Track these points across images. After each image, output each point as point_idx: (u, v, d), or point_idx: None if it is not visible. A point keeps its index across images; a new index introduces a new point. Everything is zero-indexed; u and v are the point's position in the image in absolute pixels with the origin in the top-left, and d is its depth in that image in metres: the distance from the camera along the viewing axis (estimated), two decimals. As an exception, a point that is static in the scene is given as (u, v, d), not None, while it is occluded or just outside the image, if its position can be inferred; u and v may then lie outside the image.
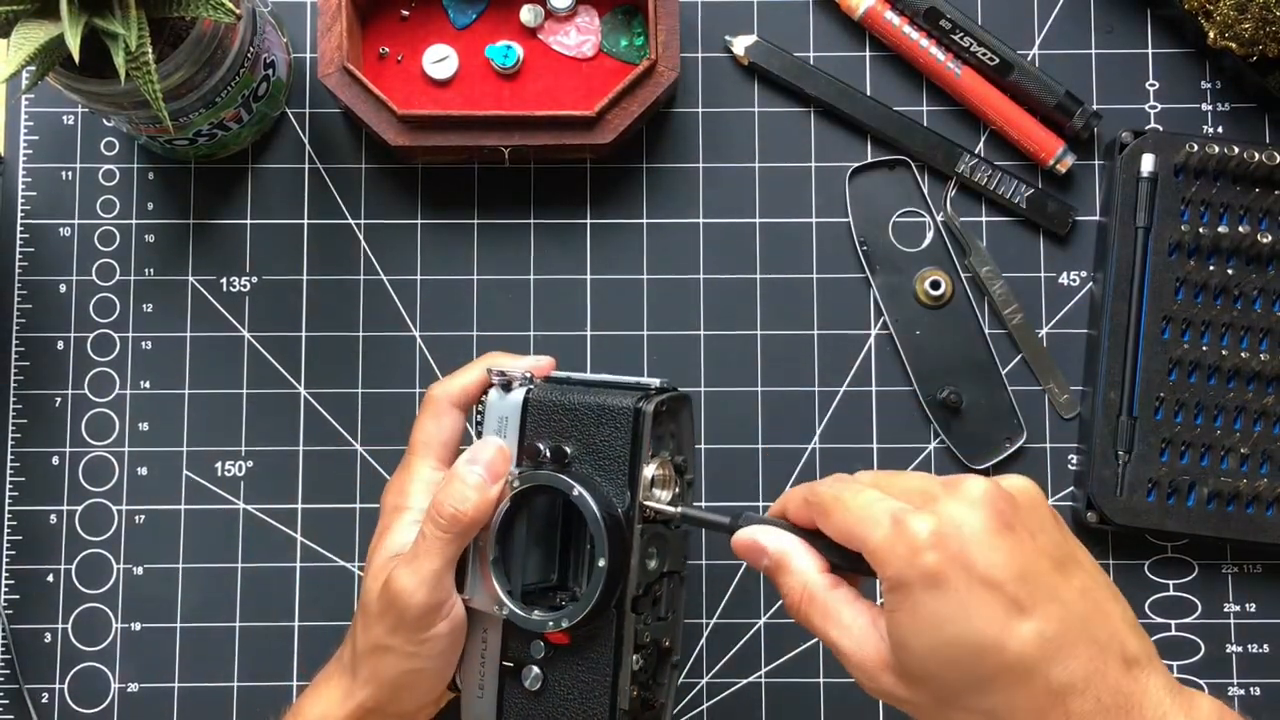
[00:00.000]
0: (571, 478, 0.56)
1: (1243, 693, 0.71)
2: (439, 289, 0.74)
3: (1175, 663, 0.71)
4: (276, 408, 0.73)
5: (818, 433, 0.73)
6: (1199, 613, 0.72)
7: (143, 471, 0.73)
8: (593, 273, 0.74)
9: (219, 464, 0.73)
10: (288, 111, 0.75)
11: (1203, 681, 0.71)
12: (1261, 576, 0.72)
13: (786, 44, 0.74)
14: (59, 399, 0.73)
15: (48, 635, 0.72)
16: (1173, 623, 0.71)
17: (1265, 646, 0.71)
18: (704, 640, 0.72)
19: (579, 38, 0.74)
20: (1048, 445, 0.73)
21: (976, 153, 0.74)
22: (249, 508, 0.72)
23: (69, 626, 0.72)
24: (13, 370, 0.73)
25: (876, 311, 0.73)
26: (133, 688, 0.71)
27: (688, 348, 0.73)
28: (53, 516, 0.72)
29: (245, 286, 0.74)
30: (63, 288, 0.74)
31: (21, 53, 0.57)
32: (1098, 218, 0.74)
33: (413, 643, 0.56)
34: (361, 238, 0.74)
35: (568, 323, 0.73)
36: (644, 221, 0.74)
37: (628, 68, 0.73)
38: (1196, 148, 0.70)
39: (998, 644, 0.47)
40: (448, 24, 0.74)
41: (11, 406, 0.73)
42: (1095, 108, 0.74)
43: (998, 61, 0.73)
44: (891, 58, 0.75)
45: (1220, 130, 0.74)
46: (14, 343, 0.73)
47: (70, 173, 0.75)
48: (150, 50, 0.59)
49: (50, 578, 0.72)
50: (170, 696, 0.71)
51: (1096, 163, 0.74)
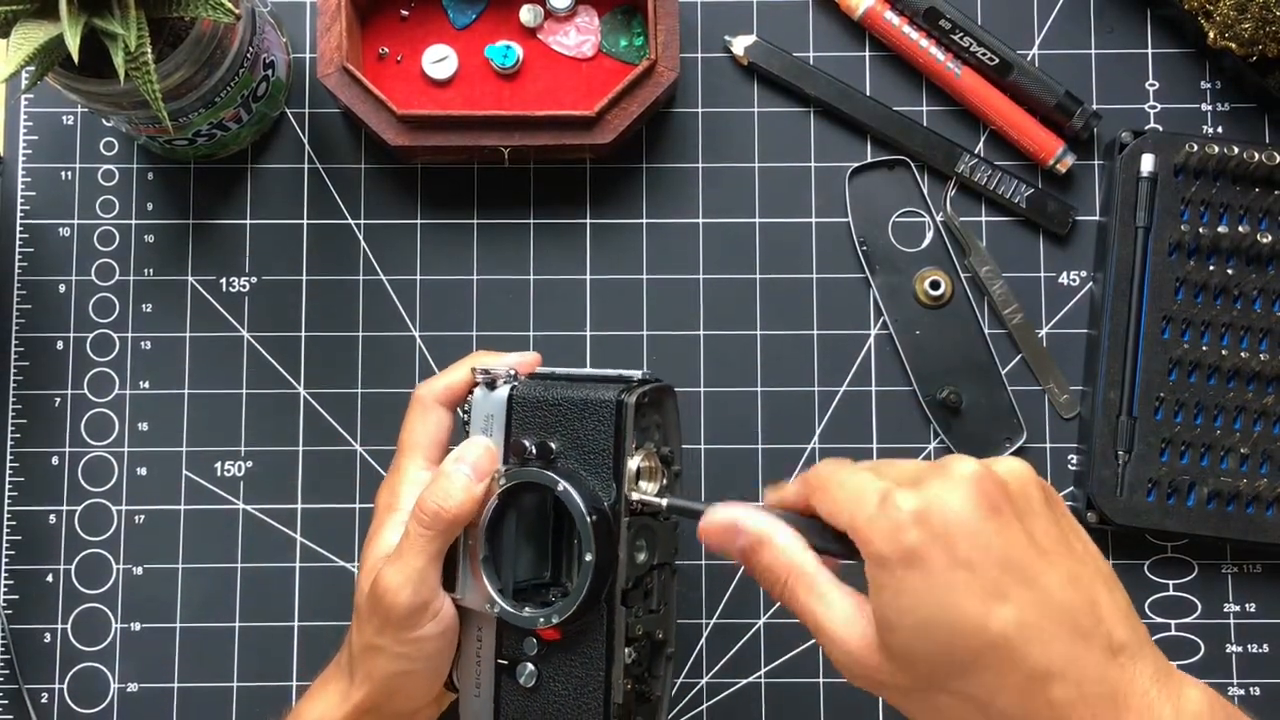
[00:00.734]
0: (557, 473, 0.56)
1: (1243, 693, 0.71)
2: (439, 289, 0.74)
3: (1175, 662, 0.71)
4: (276, 408, 0.73)
5: (817, 433, 0.73)
6: (1199, 613, 0.72)
7: (142, 471, 0.73)
8: (593, 273, 0.74)
9: (219, 464, 0.73)
10: (287, 111, 0.75)
11: (1202, 681, 0.71)
12: (1261, 576, 0.72)
13: (786, 44, 0.74)
14: (59, 399, 0.73)
15: (48, 635, 0.72)
16: (1173, 623, 0.71)
17: (1265, 646, 0.71)
18: (704, 640, 0.72)
19: (579, 38, 0.74)
20: (1048, 445, 0.73)
21: (976, 153, 0.74)
22: (249, 508, 0.72)
23: (69, 626, 0.72)
24: (12, 370, 0.73)
25: (876, 311, 0.73)
26: (132, 688, 0.71)
27: (688, 348, 0.73)
28: (52, 516, 0.72)
29: (245, 286, 0.74)
30: (62, 288, 0.74)
31: (21, 53, 0.57)
32: (1098, 218, 0.74)
33: (401, 642, 0.57)
34: (361, 238, 0.74)
35: (568, 323, 0.73)
36: (644, 221, 0.74)
37: (628, 68, 0.73)
38: (1196, 148, 0.70)
39: (978, 626, 0.46)
40: (447, 24, 0.74)
41: (11, 406, 0.73)
42: (1095, 108, 0.74)
43: (997, 61, 0.73)
44: (891, 58, 0.75)
45: (1220, 130, 0.74)
46: (14, 343, 0.73)
47: (70, 173, 0.75)
48: (150, 50, 0.59)
49: (50, 578, 0.72)
50: (170, 696, 0.71)
51: (1096, 163, 0.74)
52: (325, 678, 0.61)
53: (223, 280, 0.74)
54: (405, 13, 0.74)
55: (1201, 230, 0.71)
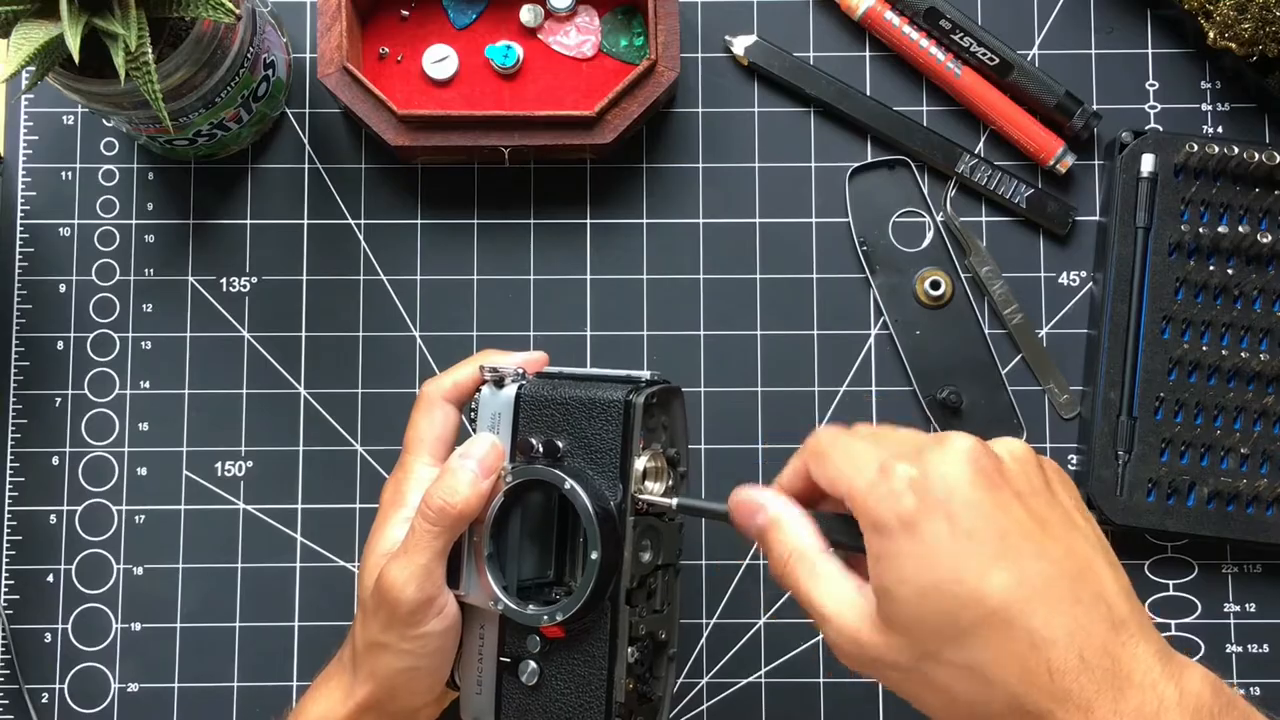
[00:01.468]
0: (564, 472, 0.56)
1: (1243, 693, 0.71)
2: (439, 289, 0.74)
3: (1175, 663, 0.71)
4: (276, 408, 0.73)
5: (818, 433, 0.73)
6: (1199, 613, 0.72)
7: (143, 471, 0.73)
8: (593, 273, 0.74)
9: (219, 464, 0.73)
10: (288, 111, 0.75)
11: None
12: (1261, 576, 0.72)
13: (786, 44, 0.74)
14: (59, 399, 0.73)
15: (48, 635, 0.72)
16: (1173, 623, 0.71)
17: (1265, 646, 0.71)
18: (704, 640, 0.72)
19: (579, 38, 0.74)
20: (1048, 445, 0.73)
21: (976, 153, 0.74)
22: (249, 508, 0.72)
23: (69, 626, 0.72)
24: (13, 370, 0.73)
25: (876, 311, 0.73)
26: (133, 688, 0.71)
27: (688, 348, 0.73)
28: (53, 516, 0.72)
29: (245, 286, 0.74)
30: (62, 288, 0.74)
31: (21, 53, 0.57)
32: (1098, 218, 0.74)
33: (406, 639, 0.57)
34: (361, 238, 0.74)
35: (568, 323, 0.73)
36: (644, 221, 0.74)
37: (628, 68, 0.73)
38: (1196, 148, 0.71)
39: (978, 593, 0.46)
40: (448, 24, 0.74)
41: (11, 406, 0.73)
42: (1095, 108, 0.74)
43: (998, 61, 0.73)
44: (891, 58, 0.75)
45: (1220, 130, 0.74)
46: (14, 343, 0.73)
47: (70, 173, 0.75)
48: (150, 50, 0.59)
49: (50, 578, 0.72)
50: (170, 696, 0.71)
51: (1096, 163, 0.74)
52: (327, 675, 0.61)
53: (223, 280, 0.74)
54: (405, 13, 0.74)
55: (1201, 230, 0.71)
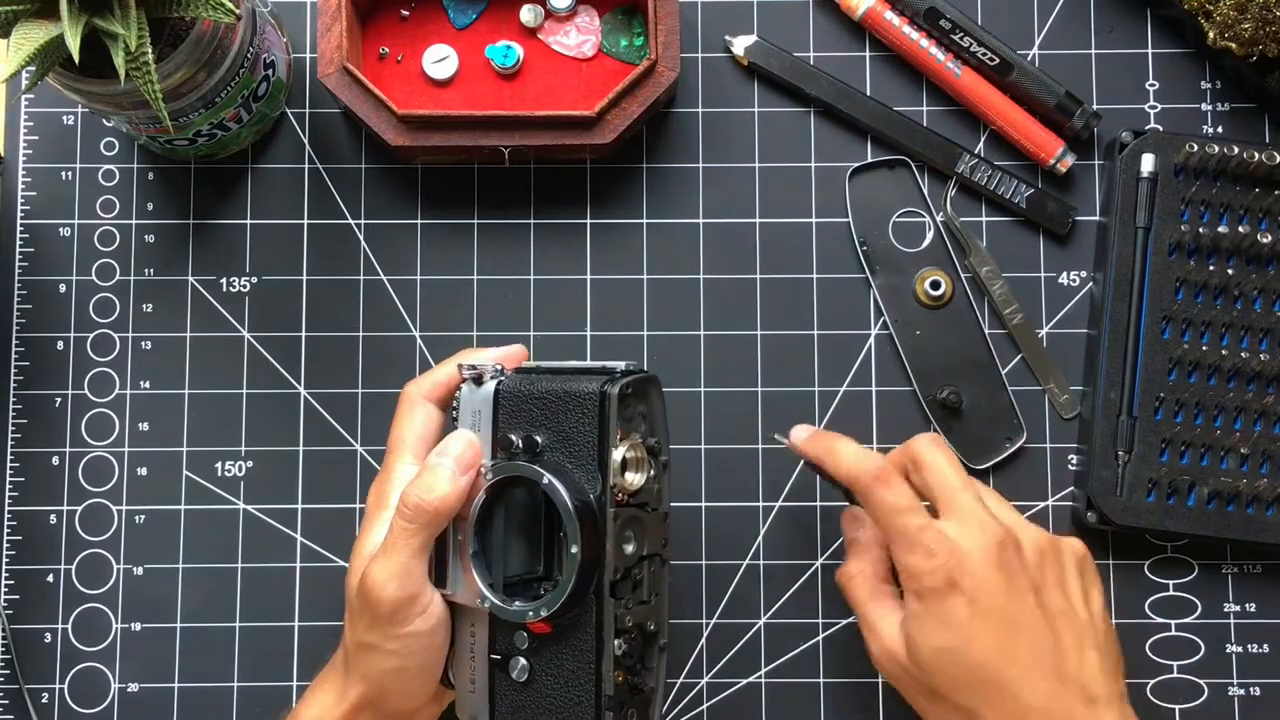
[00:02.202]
0: (543, 466, 0.56)
1: (1243, 693, 0.71)
2: (439, 289, 0.74)
3: (1175, 662, 0.71)
4: (276, 408, 0.73)
5: (818, 433, 0.73)
6: (1199, 613, 0.72)
7: (143, 471, 0.73)
8: (593, 273, 0.74)
9: (219, 464, 0.73)
10: (288, 111, 0.75)
11: (1203, 682, 0.71)
12: (1261, 576, 0.72)
13: (786, 44, 0.74)
14: (59, 399, 0.73)
15: (48, 635, 0.72)
16: (1173, 623, 0.71)
17: (1265, 646, 0.71)
18: (704, 640, 0.72)
19: (579, 38, 0.74)
20: (1048, 445, 0.73)
21: (976, 153, 0.74)
22: (249, 508, 0.72)
23: (69, 626, 0.72)
24: (13, 370, 0.73)
25: (876, 311, 0.73)
26: (133, 688, 0.71)
27: (688, 348, 0.73)
28: (53, 516, 0.72)
29: (245, 286, 0.74)
30: (62, 288, 0.74)
31: (21, 53, 0.57)
32: (1098, 218, 0.74)
33: (390, 639, 0.57)
34: (361, 238, 0.74)
35: (568, 323, 0.73)
36: (644, 221, 0.74)
37: (628, 68, 0.73)
38: (1196, 148, 0.70)
39: (980, 662, 0.59)
40: (448, 24, 0.74)
41: (11, 406, 0.73)
42: (1095, 108, 0.74)
43: (998, 61, 0.73)
44: (891, 58, 0.75)
45: (1220, 130, 0.74)
46: (14, 343, 0.73)
47: (70, 173, 0.75)
48: (150, 50, 0.59)
49: (50, 578, 0.72)
50: (170, 696, 0.71)
51: (1096, 163, 0.74)
52: (323, 677, 0.61)
53: (223, 280, 0.74)
54: (405, 13, 0.74)
55: (1201, 230, 0.71)
